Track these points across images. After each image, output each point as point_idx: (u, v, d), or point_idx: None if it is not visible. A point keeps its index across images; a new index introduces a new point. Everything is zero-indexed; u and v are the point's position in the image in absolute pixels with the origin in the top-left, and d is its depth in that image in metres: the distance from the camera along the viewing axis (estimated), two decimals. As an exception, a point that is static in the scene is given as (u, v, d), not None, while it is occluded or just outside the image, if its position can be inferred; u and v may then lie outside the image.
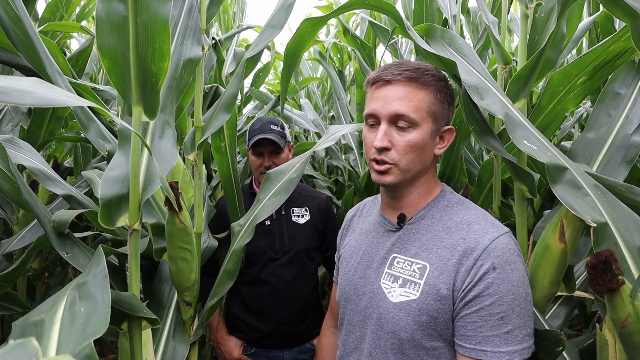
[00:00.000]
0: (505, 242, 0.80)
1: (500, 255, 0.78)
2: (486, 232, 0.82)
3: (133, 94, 0.91)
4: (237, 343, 1.63)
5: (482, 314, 0.76)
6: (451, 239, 0.84)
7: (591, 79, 1.04)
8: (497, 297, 0.76)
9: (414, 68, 0.86)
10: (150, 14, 0.85)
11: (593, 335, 1.08)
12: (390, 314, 0.84)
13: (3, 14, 1.01)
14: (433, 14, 1.88)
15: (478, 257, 0.79)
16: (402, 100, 0.84)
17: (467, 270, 0.79)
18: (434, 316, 0.80)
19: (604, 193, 0.86)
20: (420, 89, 0.85)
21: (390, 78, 0.85)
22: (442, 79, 0.89)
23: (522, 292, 0.78)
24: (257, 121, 1.71)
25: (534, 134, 0.94)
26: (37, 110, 1.75)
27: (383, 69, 0.88)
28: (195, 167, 1.31)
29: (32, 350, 0.40)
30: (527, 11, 1.11)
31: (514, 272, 0.78)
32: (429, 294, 0.81)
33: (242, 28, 2.28)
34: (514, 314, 0.76)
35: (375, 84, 0.88)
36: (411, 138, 0.84)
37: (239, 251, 1.25)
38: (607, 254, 0.69)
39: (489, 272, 0.77)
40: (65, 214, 1.15)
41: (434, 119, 0.86)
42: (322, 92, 4.00)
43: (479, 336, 0.76)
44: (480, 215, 0.87)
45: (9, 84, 0.55)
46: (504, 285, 0.76)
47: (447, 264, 0.81)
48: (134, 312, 0.94)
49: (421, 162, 0.87)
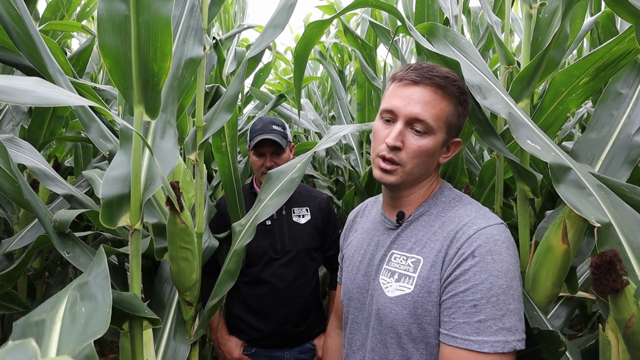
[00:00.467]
0: (492, 232, 0.80)
1: (483, 244, 0.78)
2: (474, 223, 0.82)
3: (134, 94, 0.91)
4: (237, 343, 1.63)
5: (456, 299, 0.77)
6: (443, 232, 0.84)
7: (594, 80, 1.04)
8: (471, 284, 0.76)
9: (443, 76, 0.86)
10: (152, 14, 0.85)
11: (595, 336, 1.08)
12: (387, 309, 0.85)
13: (4, 13, 1.01)
14: (435, 14, 1.88)
15: (462, 245, 0.79)
16: (425, 106, 0.84)
17: (450, 259, 0.80)
18: (428, 308, 0.81)
19: (608, 193, 0.86)
20: (444, 98, 0.85)
21: (419, 80, 0.85)
22: (464, 92, 0.89)
23: (501, 284, 0.76)
24: (258, 121, 1.70)
25: (537, 134, 0.93)
26: (38, 110, 1.75)
27: (413, 68, 0.87)
28: (197, 166, 1.31)
29: (31, 351, 0.40)
30: (531, 11, 1.11)
31: (495, 263, 0.77)
32: (422, 287, 0.82)
33: (242, 28, 2.28)
34: (488, 303, 0.74)
35: (402, 81, 0.87)
36: (424, 144, 0.84)
37: (240, 251, 1.25)
38: (612, 254, 0.69)
39: (467, 259, 0.78)
40: (66, 214, 1.14)
41: (448, 130, 0.87)
42: (322, 92, 3.99)
43: (452, 322, 0.77)
44: (474, 210, 0.87)
45: (10, 84, 0.55)
46: (481, 274, 0.76)
47: (438, 256, 0.82)
48: (135, 312, 0.93)
49: (425, 167, 0.88)
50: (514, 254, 0.81)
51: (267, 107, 2.36)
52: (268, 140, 1.62)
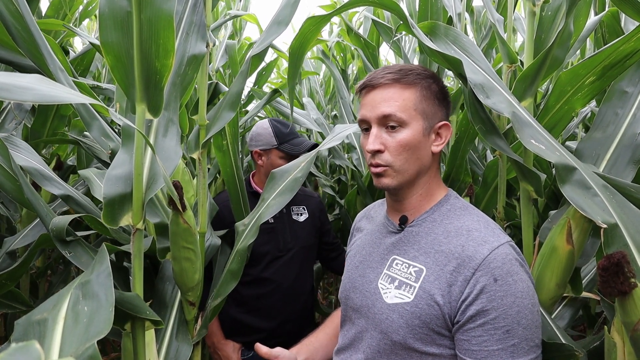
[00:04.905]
0: (505, 252, 0.78)
1: (501, 266, 0.76)
2: (485, 241, 0.80)
3: (137, 91, 0.90)
4: (235, 347, 1.62)
5: (487, 327, 0.75)
6: (449, 244, 0.82)
7: (600, 79, 1.03)
8: (501, 311, 0.74)
9: (396, 70, 0.87)
10: (155, 10, 0.84)
11: (600, 337, 1.07)
12: (383, 315, 0.84)
13: (4, 10, 1.00)
14: (438, 12, 1.87)
15: (477, 267, 0.77)
16: (387, 102, 0.85)
17: (466, 281, 0.77)
18: (426, 321, 0.79)
19: (613, 194, 0.85)
20: (404, 88, 0.86)
21: (374, 82, 0.87)
22: (428, 77, 0.89)
23: (527, 304, 0.76)
24: (281, 125, 1.70)
25: (541, 133, 0.92)
26: (41, 109, 1.75)
27: (368, 75, 0.90)
28: (200, 165, 1.30)
29: (34, 354, 0.39)
30: (534, 8, 1.09)
31: (517, 283, 0.76)
32: (422, 298, 0.80)
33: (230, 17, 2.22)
34: (519, 326, 0.74)
35: (363, 91, 0.90)
36: (402, 138, 0.84)
37: (243, 251, 1.24)
38: (619, 256, 0.68)
39: (489, 284, 0.75)
40: (61, 220, 1.13)
41: (424, 117, 0.86)
42: (324, 91, 3.98)
43: (484, 350, 0.75)
44: (481, 223, 0.85)
45: (10, 81, 0.55)
46: (507, 297, 0.75)
47: (444, 270, 0.80)
48: (137, 313, 0.93)
49: (417, 161, 0.87)
50: (527, 268, 0.81)
51: (261, 102, 2.33)
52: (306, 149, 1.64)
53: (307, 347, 1.09)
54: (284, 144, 1.66)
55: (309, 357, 1.07)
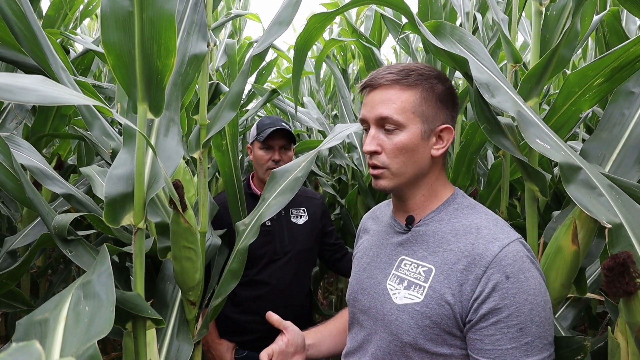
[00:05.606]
0: (516, 249, 0.77)
1: (512, 263, 0.75)
2: (496, 238, 0.79)
3: (138, 91, 0.89)
4: (228, 347, 1.62)
5: (500, 326, 0.74)
6: (458, 243, 0.81)
7: (608, 81, 1.02)
8: (514, 309, 0.73)
9: (398, 70, 0.85)
10: (156, 9, 0.83)
11: (604, 338, 1.06)
12: (393, 316, 0.83)
13: (7, 10, 1.00)
14: (438, 12, 1.86)
15: (488, 265, 0.76)
16: (386, 103, 0.84)
17: (477, 279, 0.76)
18: (437, 321, 0.78)
19: (619, 194, 0.84)
20: (404, 90, 0.84)
21: (374, 83, 0.86)
22: (432, 77, 0.86)
23: (539, 301, 0.75)
24: (265, 118, 1.70)
25: (547, 133, 0.92)
26: (42, 108, 1.74)
27: (370, 74, 0.89)
28: (200, 165, 1.30)
29: (35, 354, 0.39)
30: (541, 8, 1.09)
31: (529, 280, 0.75)
32: (432, 298, 0.79)
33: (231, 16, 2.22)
34: (533, 324, 0.73)
35: (365, 90, 0.89)
36: (398, 140, 0.83)
37: (244, 250, 1.24)
38: (625, 256, 0.68)
39: (501, 282, 0.74)
40: (64, 218, 1.12)
41: (423, 119, 0.84)
42: (325, 91, 3.98)
43: (497, 349, 0.74)
44: (490, 220, 0.84)
45: (12, 82, 0.54)
46: (519, 295, 0.74)
47: (453, 269, 0.79)
48: (138, 313, 0.93)
49: (415, 164, 0.85)
50: (538, 265, 0.80)
51: (260, 101, 2.33)
52: (279, 133, 1.61)
53: (316, 333, 1.09)
54: (260, 134, 1.65)
55: (316, 343, 1.07)
